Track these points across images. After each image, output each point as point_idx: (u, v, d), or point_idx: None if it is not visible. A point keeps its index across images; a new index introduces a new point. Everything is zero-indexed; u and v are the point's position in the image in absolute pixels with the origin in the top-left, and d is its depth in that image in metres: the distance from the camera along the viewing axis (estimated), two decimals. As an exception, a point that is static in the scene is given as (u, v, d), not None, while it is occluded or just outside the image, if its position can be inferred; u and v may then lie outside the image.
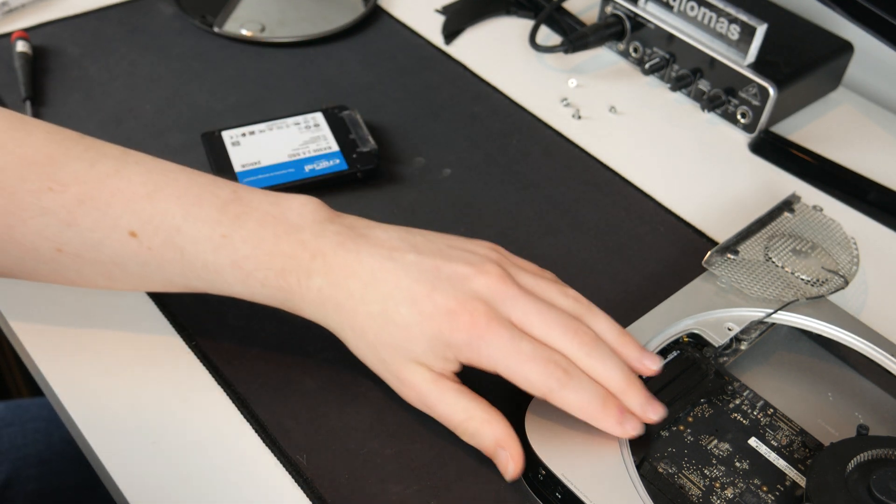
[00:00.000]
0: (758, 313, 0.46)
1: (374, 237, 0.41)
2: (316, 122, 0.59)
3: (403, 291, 0.39)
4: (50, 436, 0.66)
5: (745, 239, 0.50)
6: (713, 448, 0.42)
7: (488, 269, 0.40)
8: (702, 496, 0.40)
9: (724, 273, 0.48)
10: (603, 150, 0.61)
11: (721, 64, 0.62)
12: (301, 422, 0.43)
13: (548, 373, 0.38)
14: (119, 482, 0.40)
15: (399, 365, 0.40)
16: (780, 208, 0.52)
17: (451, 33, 0.71)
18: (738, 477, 0.41)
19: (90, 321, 0.47)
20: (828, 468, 0.39)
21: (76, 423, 0.42)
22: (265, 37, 0.68)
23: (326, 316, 0.41)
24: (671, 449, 0.42)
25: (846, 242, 0.51)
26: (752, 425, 0.43)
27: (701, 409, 0.44)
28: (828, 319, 0.46)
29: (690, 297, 0.47)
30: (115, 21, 0.69)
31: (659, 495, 0.39)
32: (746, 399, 0.45)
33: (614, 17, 0.68)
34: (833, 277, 0.48)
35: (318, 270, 0.40)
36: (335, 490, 0.40)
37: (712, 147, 0.63)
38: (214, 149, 0.56)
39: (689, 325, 0.45)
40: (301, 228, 0.40)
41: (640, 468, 0.40)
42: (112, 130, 0.59)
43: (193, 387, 0.44)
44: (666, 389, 0.43)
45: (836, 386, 0.47)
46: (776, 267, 0.48)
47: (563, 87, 0.67)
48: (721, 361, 0.46)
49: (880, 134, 0.65)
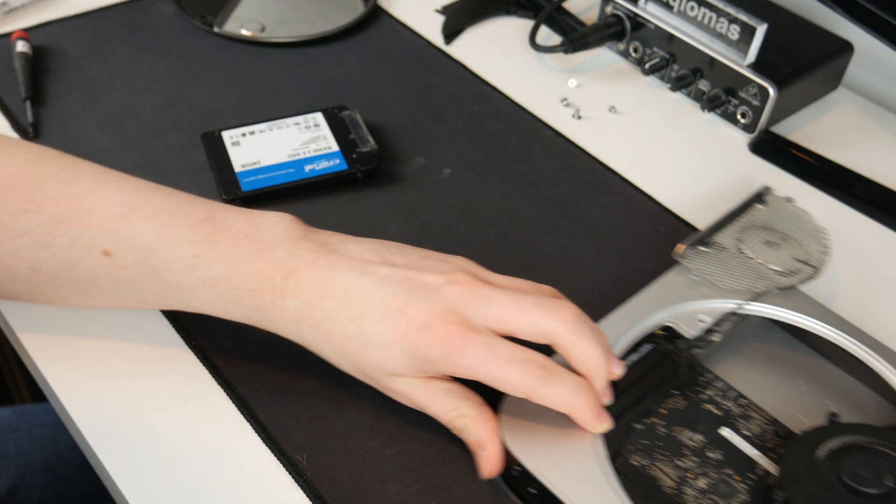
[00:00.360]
0: (729, 305, 0.46)
1: (347, 252, 0.41)
2: (316, 122, 0.59)
3: (378, 309, 0.39)
4: (56, 442, 0.66)
5: (716, 231, 0.50)
6: (686, 439, 0.42)
7: (459, 278, 0.40)
8: (675, 487, 0.40)
9: (696, 265, 0.48)
10: (603, 150, 0.61)
11: (721, 64, 0.62)
12: (301, 422, 0.43)
13: (527, 373, 0.38)
14: (119, 482, 0.40)
15: (384, 380, 0.40)
16: (752, 201, 0.53)
17: (451, 33, 0.71)
18: (711, 467, 0.41)
19: (90, 322, 0.47)
20: (799, 456, 0.39)
21: (76, 423, 0.42)
22: (265, 37, 0.68)
23: (303, 336, 0.41)
24: (644, 441, 0.42)
25: (817, 233, 0.51)
26: (724, 416, 0.44)
27: (674, 400, 0.44)
28: (799, 309, 0.46)
29: (663, 290, 0.47)
30: (115, 21, 0.69)
31: (632, 487, 0.39)
32: (719, 390, 0.45)
33: (614, 17, 0.68)
34: (804, 268, 0.48)
35: (292, 291, 0.40)
36: (335, 490, 0.40)
37: (712, 147, 0.63)
38: (214, 149, 0.56)
39: (662, 319, 0.45)
40: (274, 247, 0.40)
41: (614, 461, 0.40)
42: (112, 130, 0.59)
43: (193, 387, 0.44)
44: (640, 382, 0.43)
45: (809, 375, 0.47)
46: (748, 258, 0.48)
47: (563, 87, 0.67)
48: (694, 353, 0.46)
49: (880, 134, 0.65)
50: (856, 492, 0.37)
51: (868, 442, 0.39)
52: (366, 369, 0.40)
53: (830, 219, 0.58)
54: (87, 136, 0.58)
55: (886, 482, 0.37)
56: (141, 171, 0.56)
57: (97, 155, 0.57)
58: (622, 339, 0.44)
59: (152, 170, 0.56)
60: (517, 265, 0.52)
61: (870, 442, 0.39)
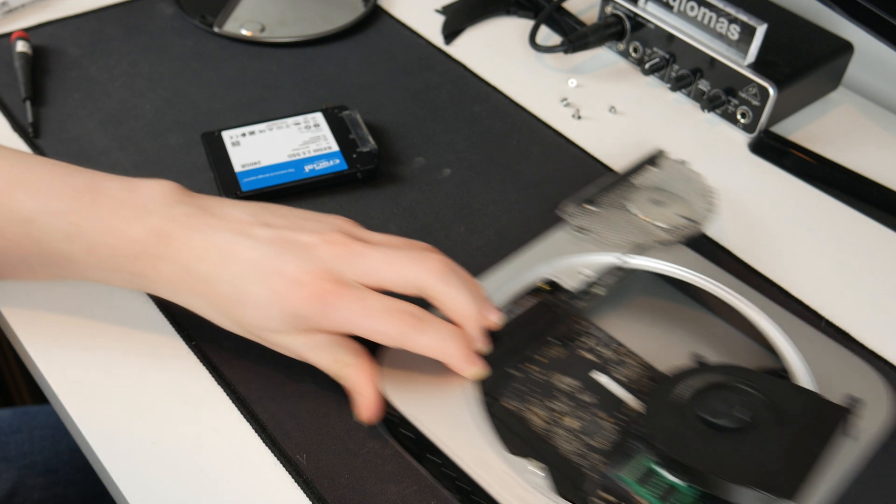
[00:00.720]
0: (611, 259, 0.48)
1: (224, 214, 0.42)
2: (316, 122, 0.59)
3: (253, 269, 0.40)
4: (57, 444, 0.66)
5: (604, 191, 0.52)
6: (561, 384, 0.44)
7: (333, 237, 0.41)
8: (546, 428, 0.41)
9: (581, 223, 0.49)
10: (603, 150, 0.61)
11: (721, 64, 0.62)
12: (301, 422, 0.43)
13: (399, 322, 0.39)
14: (119, 482, 0.40)
15: (267, 336, 0.41)
16: (644, 164, 0.54)
17: (451, 33, 0.71)
18: (583, 409, 0.42)
19: (90, 322, 0.47)
20: (661, 394, 0.41)
21: (76, 423, 0.42)
22: (265, 37, 0.68)
23: (185, 298, 0.42)
24: (520, 386, 0.43)
25: (706, 193, 0.53)
26: (600, 362, 0.45)
27: (553, 349, 0.45)
28: (680, 262, 0.48)
29: (548, 245, 0.48)
30: (115, 21, 0.69)
31: (503, 429, 0.41)
32: (598, 339, 0.46)
33: (614, 17, 0.68)
34: (688, 224, 0.50)
35: (169, 255, 0.41)
36: (335, 490, 0.40)
37: (712, 147, 0.63)
38: (214, 149, 0.56)
39: (545, 272, 0.47)
40: (152, 212, 0.41)
41: (488, 405, 0.41)
42: (112, 130, 0.59)
43: (193, 387, 0.44)
44: (520, 332, 0.45)
45: (689, 325, 0.49)
46: (633, 216, 0.50)
47: (563, 87, 0.67)
48: (576, 305, 0.47)
49: (880, 134, 0.65)
50: (711, 425, 0.39)
51: (728, 380, 0.41)
52: (248, 328, 0.41)
53: (830, 219, 0.58)
54: (87, 136, 0.58)
55: (740, 415, 0.38)
56: (141, 172, 0.56)
57: (97, 155, 0.57)
58: (505, 291, 0.46)
59: (152, 170, 0.56)
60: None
61: (730, 380, 0.41)
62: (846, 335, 0.50)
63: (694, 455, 0.37)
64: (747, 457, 0.37)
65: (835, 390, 0.41)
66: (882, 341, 0.49)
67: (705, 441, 0.38)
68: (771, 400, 0.39)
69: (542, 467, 0.38)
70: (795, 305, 0.51)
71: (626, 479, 0.39)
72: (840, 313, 0.51)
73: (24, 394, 1.00)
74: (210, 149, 0.56)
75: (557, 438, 0.41)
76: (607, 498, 0.39)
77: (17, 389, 1.00)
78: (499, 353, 0.43)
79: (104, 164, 0.56)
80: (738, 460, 0.37)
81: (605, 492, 0.39)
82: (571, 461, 0.40)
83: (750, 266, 0.53)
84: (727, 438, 0.38)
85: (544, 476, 0.38)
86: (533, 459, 0.39)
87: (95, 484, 0.63)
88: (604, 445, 0.41)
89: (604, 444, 0.41)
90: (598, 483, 0.39)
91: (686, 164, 0.54)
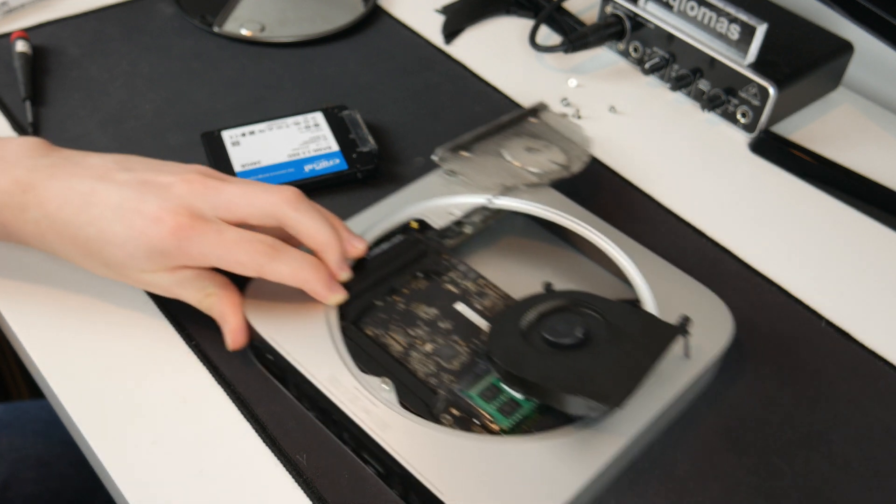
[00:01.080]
0: (480, 200, 0.50)
1: (86, 163, 0.44)
2: (316, 121, 0.59)
3: (114, 209, 0.41)
4: (49, 438, 0.66)
5: (480, 138, 0.54)
6: (422, 313, 0.46)
7: (191, 177, 0.42)
8: (403, 352, 0.44)
9: (454, 167, 0.51)
10: (603, 150, 0.61)
11: (721, 64, 0.62)
12: (301, 422, 0.43)
13: (255, 251, 0.41)
14: (119, 482, 0.40)
15: (135, 275, 0.43)
16: (524, 114, 0.56)
17: (451, 33, 0.71)
18: (440, 335, 0.45)
19: (90, 321, 0.47)
20: (507, 316, 0.43)
21: (76, 423, 0.42)
22: (265, 37, 0.68)
23: (52, 246, 0.43)
24: (382, 315, 0.45)
25: (583, 142, 0.55)
26: (461, 294, 0.47)
27: (417, 282, 0.47)
28: (546, 202, 0.51)
29: (420, 188, 0.51)
30: (115, 21, 0.69)
31: (361, 353, 0.43)
32: (461, 273, 0.48)
33: (614, 16, 0.68)
34: (559, 169, 0.52)
35: (32, 204, 0.42)
36: (335, 490, 0.40)
37: (712, 147, 0.63)
38: (214, 149, 0.56)
39: (415, 212, 0.50)
40: (14, 165, 0.43)
41: (347, 331, 0.44)
42: (112, 130, 0.59)
43: (193, 387, 0.44)
44: (387, 266, 0.47)
45: (552, 261, 0.52)
46: (506, 161, 0.52)
47: (563, 87, 0.67)
48: (444, 243, 0.50)
49: (880, 134, 0.65)
50: (551, 343, 0.41)
51: (570, 304, 0.43)
52: (114, 268, 0.43)
53: (830, 219, 0.58)
54: (87, 136, 0.58)
55: (577, 334, 0.40)
56: (141, 171, 0.56)
57: (97, 155, 0.57)
58: (376, 230, 0.48)
59: (152, 170, 0.56)
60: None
61: (571, 304, 0.43)
62: (846, 335, 0.50)
63: (529, 369, 0.39)
64: (580, 370, 0.39)
65: (679, 314, 0.43)
66: (882, 341, 0.49)
67: (542, 357, 0.40)
68: (608, 321, 0.41)
69: (388, 382, 0.41)
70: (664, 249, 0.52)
71: (472, 395, 0.42)
72: (840, 313, 0.51)
73: (24, 392, 1.00)
74: (210, 149, 0.56)
75: (413, 361, 0.43)
76: (455, 413, 0.41)
77: (17, 387, 1.00)
78: (365, 284, 0.46)
79: (104, 164, 0.56)
80: (570, 373, 0.39)
81: (454, 408, 0.41)
82: (425, 381, 0.42)
83: (750, 266, 0.53)
84: (564, 355, 0.40)
85: (389, 390, 0.41)
86: (385, 378, 0.41)
87: (89, 477, 0.63)
88: (456, 368, 0.43)
89: (456, 366, 0.43)
90: (447, 400, 0.41)
91: (567, 117, 0.57)
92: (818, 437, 0.44)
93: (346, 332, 0.44)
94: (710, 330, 0.44)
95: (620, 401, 0.37)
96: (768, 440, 0.44)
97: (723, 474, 0.42)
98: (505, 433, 0.40)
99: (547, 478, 0.38)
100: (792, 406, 0.45)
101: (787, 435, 0.44)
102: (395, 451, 0.38)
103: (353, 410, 0.39)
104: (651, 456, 0.43)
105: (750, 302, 0.51)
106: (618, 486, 0.41)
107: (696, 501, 0.41)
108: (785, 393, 0.46)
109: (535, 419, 0.41)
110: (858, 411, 0.46)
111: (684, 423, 0.44)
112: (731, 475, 0.42)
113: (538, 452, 0.39)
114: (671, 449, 0.43)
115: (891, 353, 0.49)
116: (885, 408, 0.46)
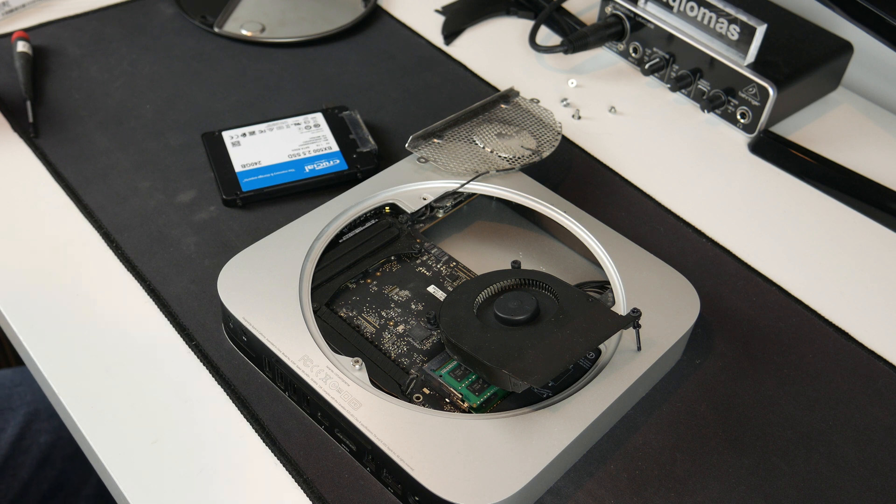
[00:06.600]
0: (451, 185, 0.52)
1: None
2: (316, 122, 0.59)
3: None
4: None
5: (452, 125, 0.55)
6: (394, 295, 0.47)
7: None
8: (375, 333, 0.45)
9: (426, 154, 0.52)
10: (603, 150, 0.61)
11: (721, 64, 0.62)
12: (301, 422, 0.43)
13: None
14: (119, 482, 0.40)
15: None
16: (495, 101, 0.57)
17: (451, 33, 0.71)
18: (412, 316, 0.46)
19: (90, 321, 0.47)
20: (467, 289, 0.44)
21: (76, 422, 0.42)
22: (265, 37, 0.68)
23: None
24: (355, 297, 0.47)
25: (553, 126, 0.56)
26: (433, 276, 0.48)
27: (390, 265, 0.49)
28: (516, 187, 0.52)
29: (394, 174, 0.52)
30: (115, 21, 0.69)
31: (334, 334, 0.44)
32: (433, 256, 0.49)
33: (614, 17, 0.68)
34: (530, 154, 0.53)
35: None
36: (335, 490, 0.40)
37: (712, 147, 0.63)
38: (215, 149, 0.56)
39: (388, 197, 0.51)
40: None
41: (320, 312, 0.45)
42: (112, 130, 0.59)
43: (193, 387, 0.44)
44: (359, 249, 0.48)
45: (522, 243, 0.52)
46: (478, 147, 0.53)
47: (563, 87, 0.67)
48: (416, 227, 0.51)
49: (880, 134, 0.65)
50: (500, 319, 0.42)
51: (528, 284, 0.44)
52: None
53: (830, 219, 0.58)
54: (87, 136, 0.58)
55: (523, 314, 0.42)
56: (141, 171, 0.56)
57: (97, 155, 0.57)
58: (349, 215, 0.49)
59: (152, 170, 0.56)
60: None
61: (530, 284, 0.44)
62: (846, 335, 0.50)
63: (467, 340, 0.41)
64: (513, 347, 0.40)
65: (648, 298, 0.45)
66: (882, 341, 0.49)
67: (484, 331, 0.41)
68: (561, 305, 0.42)
69: (359, 362, 0.42)
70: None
71: (443, 374, 0.43)
72: (840, 313, 0.51)
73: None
74: (210, 149, 0.56)
75: (386, 342, 0.44)
76: (426, 392, 0.42)
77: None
78: (339, 267, 0.47)
79: (104, 163, 0.56)
80: (503, 348, 0.40)
81: (425, 387, 0.42)
82: (397, 361, 0.43)
83: (750, 266, 0.53)
84: (506, 331, 0.41)
85: (361, 369, 0.41)
86: (357, 358, 0.42)
87: None
88: (428, 348, 0.44)
89: (428, 346, 0.44)
90: (418, 379, 0.43)
91: (538, 103, 0.57)
92: (818, 437, 0.44)
93: (319, 314, 0.45)
94: (678, 309, 0.45)
95: (541, 381, 0.38)
96: (768, 440, 0.44)
97: (722, 474, 0.42)
98: (475, 411, 0.41)
99: (514, 454, 0.38)
100: (791, 406, 0.46)
101: (787, 435, 0.44)
102: (366, 428, 0.39)
103: (326, 389, 0.40)
104: (651, 456, 0.43)
105: (750, 302, 0.51)
106: (618, 485, 0.41)
107: (696, 501, 0.41)
108: (785, 393, 0.46)
109: (504, 398, 0.42)
110: (858, 411, 0.46)
111: (684, 423, 0.44)
112: (731, 475, 0.42)
113: (506, 430, 0.39)
114: (670, 449, 0.43)
115: (890, 353, 0.49)
116: (884, 408, 0.46)
